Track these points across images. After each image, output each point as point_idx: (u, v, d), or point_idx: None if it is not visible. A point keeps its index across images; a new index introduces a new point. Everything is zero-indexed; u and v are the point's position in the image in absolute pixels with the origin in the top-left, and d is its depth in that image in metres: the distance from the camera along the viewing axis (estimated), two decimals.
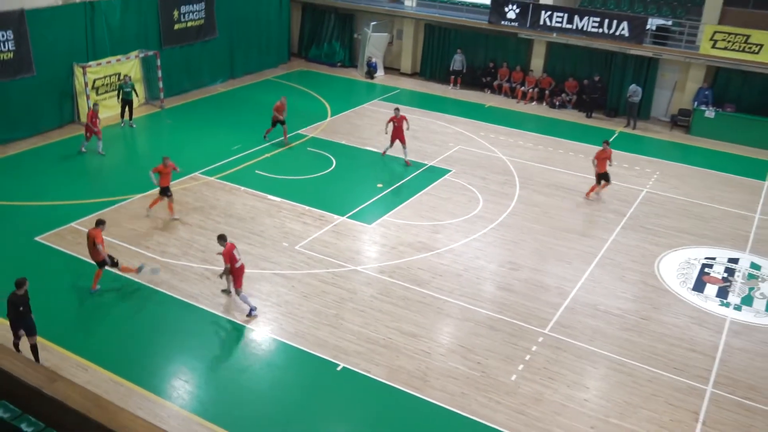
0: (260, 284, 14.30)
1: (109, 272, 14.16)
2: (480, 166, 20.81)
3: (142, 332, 12.80)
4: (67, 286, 14.05)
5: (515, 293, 14.48)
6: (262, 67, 30.12)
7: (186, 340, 12.63)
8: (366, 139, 22.71)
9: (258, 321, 13.20)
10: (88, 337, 12.64)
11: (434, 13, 29.15)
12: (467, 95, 28.20)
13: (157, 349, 12.38)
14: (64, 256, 15.03)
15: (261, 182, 19.05)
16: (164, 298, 13.74)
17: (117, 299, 13.75)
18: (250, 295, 13.76)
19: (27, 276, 11.58)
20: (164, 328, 12.94)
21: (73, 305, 13.52)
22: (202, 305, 13.56)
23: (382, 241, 16.36)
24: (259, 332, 12.93)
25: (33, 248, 15.32)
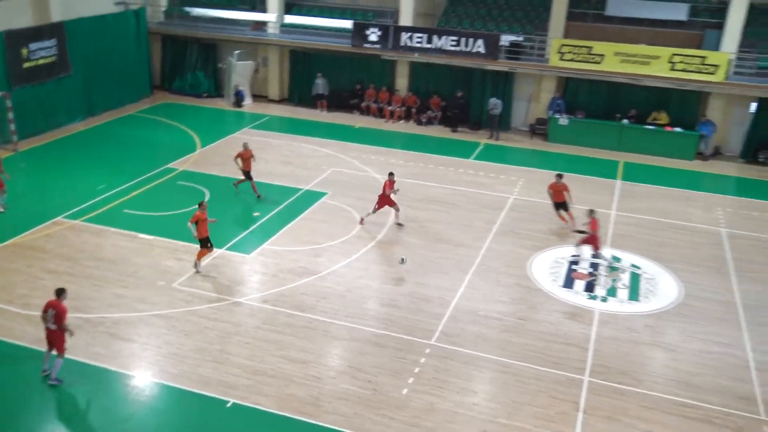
0: (138, 327, 13.64)
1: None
2: (355, 186, 21.00)
3: (12, 394, 11.81)
4: None
5: (399, 308, 14.67)
6: (123, 102, 28.96)
7: (61, 395, 11.79)
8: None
9: (139, 365, 12.56)
10: None
11: (298, 39, 29.27)
12: (336, 118, 28.45)
13: (28, 408, 11.46)
14: None
15: (131, 221, 18.25)
16: (34, 353, 12.75)
17: None
18: (128, 340, 13.08)
19: None
20: (33, 386, 12.02)
21: None
22: (77, 356, 12.70)
23: (262, 269, 16.10)
24: (140, 377, 12.30)
25: None
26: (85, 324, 13.66)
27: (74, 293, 14.72)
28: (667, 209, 20.33)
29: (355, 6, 30.61)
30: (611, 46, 24.96)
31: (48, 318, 11.78)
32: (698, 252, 17.73)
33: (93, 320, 13.78)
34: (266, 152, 23.81)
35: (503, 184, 21.80)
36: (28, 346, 12.97)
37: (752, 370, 13.08)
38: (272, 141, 25.20)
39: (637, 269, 16.72)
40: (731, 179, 23.54)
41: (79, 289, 14.88)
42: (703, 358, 13.41)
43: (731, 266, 17.06)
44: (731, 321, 14.71)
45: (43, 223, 17.94)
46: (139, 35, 29.64)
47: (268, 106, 29.95)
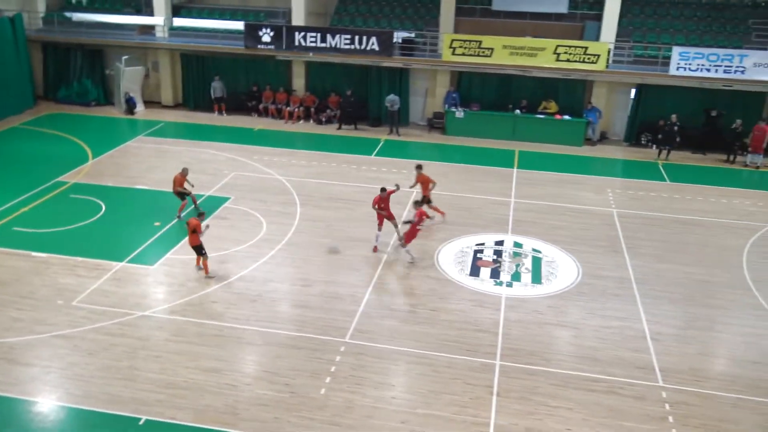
0: (38, 350, 12.89)
1: None
2: (258, 189, 20.70)
3: None
4: None
5: (312, 308, 14.60)
6: (4, 114, 27.24)
7: None
8: (135, 177, 21.52)
9: (42, 390, 11.88)
10: None
11: (188, 42, 28.49)
12: (235, 121, 27.94)
13: None
14: None
15: (21, 239, 17.21)
16: None
17: None
18: (28, 364, 12.35)
19: None
20: None
21: None
22: None
23: (168, 280, 15.60)
24: (43, 403, 11.64)
25: None
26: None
27: None
28: (562, 194, 21.25)
29: (246, 7, 30.14)
30: (499, 40, 25.78)
31: None
32: (593, 233, 18.64)
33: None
34: (164, 160, 23.06)
35: (405, 179, 22.06)
36: None
37: (648, 341, 13.90)
38: (170, 148, 24.42)
39: (538, 253, 17.39)
40: (618, 162, 24.88)
41: None
42: (603, 333, 14.12)
43: (624, 244, 18.04)
44: (627, 296, 15.56)
45: None
46: (17, 43, 27.95)
47: (161, 112, 29.00)
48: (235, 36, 28.21)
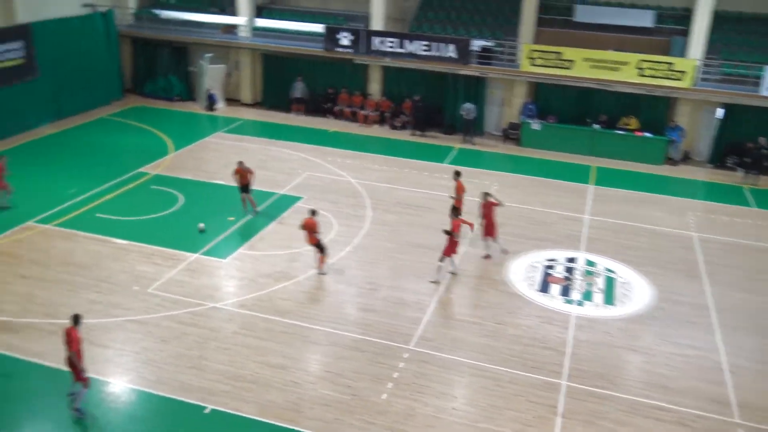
0: (113, 333, 13.42)
1: None
2: (330, 190, 20.96)
3: None
4: None
5: (377, 313, 14.67)
6: (94, 105, 28.50)
7: (36, 403, 11.54)
8: (213, 172, 22.14)
9: (115, 372, 12.36)
10: None
11: (270, 42, 29.13)
12: (311, 122, 28.38)
13: (6, 417, 11.20)
14: None
15: (104, 226, 17.96)
16: (4, 360, 12.48)
17: None
18: (103, 346, 12.86)
19: None
20: (8, 395, 11.74)
21: None
22: (50, 363, 12.48)
23: (239, 274, 15.98)
24: (117, 384, 12.10)
25: None
26: (59, 330, 13.37)
27: (46, 299, 14.47)
28: (639, 213, 20.67)
29: (326, 10, 30.59)
30: (580, 52, 25.33)
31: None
32: (670, 256, 18.05)
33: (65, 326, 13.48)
34: (241, 156, 23.51)
35: (477, 188, 21.90)
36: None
37: (726, 373, 13.35)
38: (246, 145, 25.02)
39: (611, 273, 16.96)
40: (701, 184, 24.03)
41: (51, 295, 14.61)
42: (676, 361, 13.65)
43: (703, 270, 17.40)
44: (704, 324, 15.00)
45: (12, 228, 17.57)
46: (109, 38, 29.23)
47: (240, 110, 29.74)
48: (315, 38, 28.66)
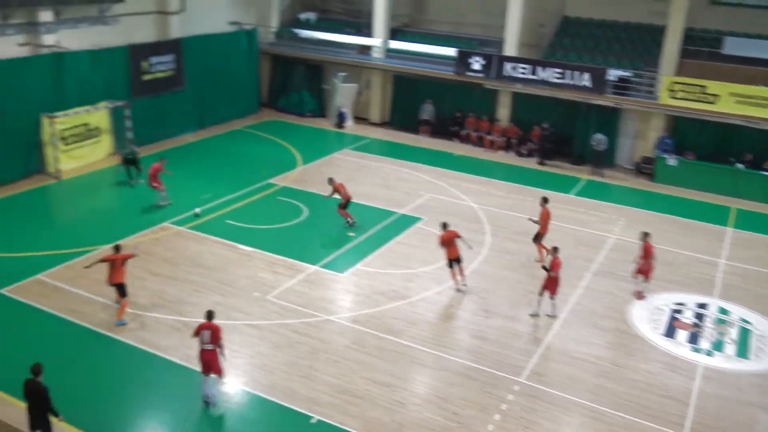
0: (232, 335, 14.03)
1: (70, 324, 13.83)
2: (451, 214, 20.94)
3: (110, 387, 12.41)
4: (29, 340, 13.61)
5: (489, 341, 14.44)
6: (232, 117, 30.19)
7: (156, 394, 12.27)
8: None
9: (230, 372, 12.90)
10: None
11: (402, 64, 29.69)
12: (436, 144, 28.57)
13: (126, 404, 12.00)
14: (29, 309, 14.61)
15: (231, 232, 18.89)
16: (132, 351, 13.38)
17: (82, 351, 13.35)
18: None
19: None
20: (133, 383, 12.56)
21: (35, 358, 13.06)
22: (172, 357, 13.23)
23: (354, 290, 16.26)
24: (231, 385, 12.63)
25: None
26: (183, 327, 14.19)
27: (174, 297, 15.37)
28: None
29: (460, 34, 30.79)
30: (727, 87, 23.95)
31: (204, 339, 11.67)
32: None
33: (190, 324, 14.27)
34: (365, 174, 24.18)
35: (604, 222, 21.18)
36: (128, 342, 13.60)
37: None
38: (371, 163, 25.55)
39: (747, 324, 15.78)
40: None
41: (178, 293, 15.51)
42: None
43: None
44: None
45: (151, 227, 18.86)
46: (251, 54, 30.91)
47: (368, 129, 30.45)
48: (447, 62, 28.90)
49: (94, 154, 24.05)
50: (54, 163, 22.26)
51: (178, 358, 13.22)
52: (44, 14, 22.15)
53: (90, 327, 14.05)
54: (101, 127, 24.16)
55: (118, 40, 24.87)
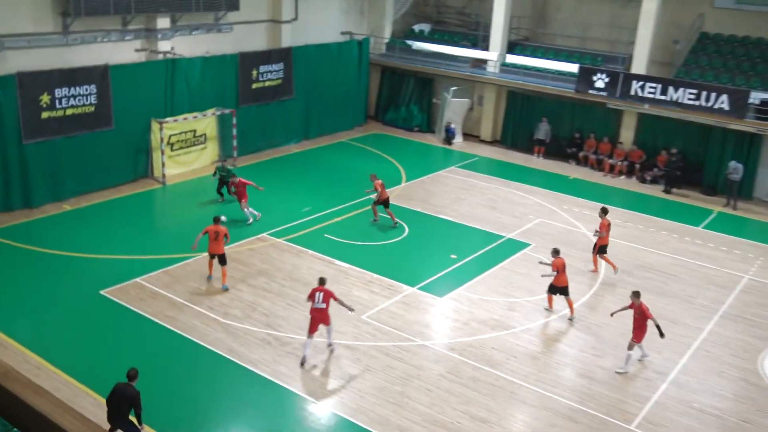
0: (323, 354, 14.23)
1: (163, 329, 14.47)
2: (562, 241, 20.41)
3: (198, 396, 12.86)
4: (123, 342, 14.35)
5: (598, 382, 13.89)
6: (337, 128, 30.87)
7: (242, 409, 12.60)
8: (441, 207, 22.73)
9: (318, 392, 13.06)
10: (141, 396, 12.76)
11: (518, 79, 29.37)
12: (551, 166, 28.03)
13: (213, 416, 12.39)
14: (127, 312, 15.42)
15: (329, 246, 19.23)
16: (223, 362, 13.83)
17: (172, 357, 13.93)
18: (312, 365, 13.68)
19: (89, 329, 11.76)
20: (220, 394, 12.96)
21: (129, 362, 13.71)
22: (262, 372, 13.56)
23: (453, 315, 16.12)
24: (319, 405, 12.78)
25: (97, 302, 15.80)
26: (274, 341, 14.53)
27: (267, 309, 15.78)
28: None
29: (583, 49, 30.13)
30: None
31: (318, 300, 13.80)
32: None
33: (282, 339, 14.62)
34: (471, 194, 24.03)
35: (737, 260, 19.97)
36: (219, 353, 14.06)
37: None
38: (479, 183, 25.38)
39: None
40: None
41: (272, 306, 15.91)
42: None
43: None
44: None
45: (249, 238, 19.51)
46: (361, 65, 31.55)
47: (478, 146, 30.29)
48: (567, 78, 28.35)
49: (199, 160, 25.25)
50: (160, 168, 23.51)
51: (267, 373, 13.53)
52: (162, 21, 23.60)
53: (182, 334, 14.64)
54: (208, 134, 25.35)
55: (229, 48, 26.10)
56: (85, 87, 21.34)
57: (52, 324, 14.83)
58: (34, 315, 15.25)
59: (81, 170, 21.86)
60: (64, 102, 20.94)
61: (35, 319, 15.11)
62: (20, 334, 14.36)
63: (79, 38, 21.68)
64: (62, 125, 21.06)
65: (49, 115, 20.68)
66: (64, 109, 21.00)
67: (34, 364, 13.30)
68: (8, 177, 20.27)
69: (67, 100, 20.99)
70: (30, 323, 14.99)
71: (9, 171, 20.22)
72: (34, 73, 20.21)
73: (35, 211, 20.63)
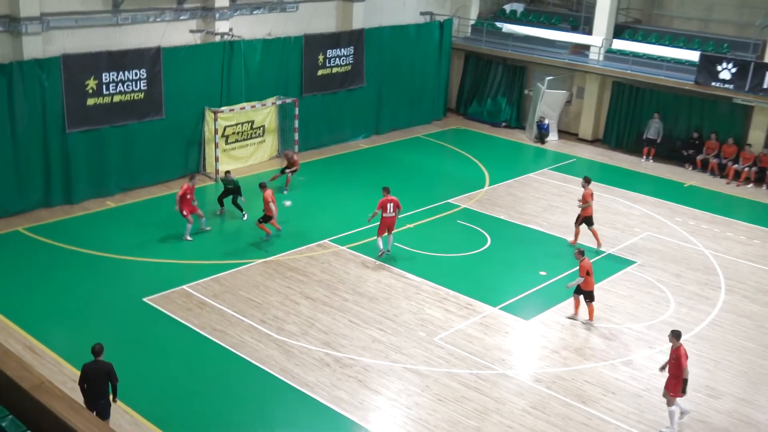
0: (388, 378, 14.31)
1: (212, 344, 14.85)
2: (674, 259, 19.94)
3: (247, 420, 13.11)
4: (168, 356, 14.76)
5: (714, 428, 13.51)
6: (413, 122, 31.03)
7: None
8: (529, 215, 22.54)
9: (382, 422, 13.13)
10: (186, 416, 13.11)
11: (625, 69, 28.86)
12: (662, 170, 27.43)
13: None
14: (172, 322, 15.88)
15: (399, 257, 19.32)
16: (275, 383, 14.06)
17: (221, 375, 14.25)
18: (376, 391, 13.79)
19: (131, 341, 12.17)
20: (271, 419, 13.20)
21: (173, 379, 14.15)
22: (318, 396, 13.73)
23: (541, 342, 15.95)
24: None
25: (140, 310, 16.34)
26: (334, 363, 14.69)
27: (327, 326, 15.98)
28: None
29: (706, 34, 29.38)
30: None
31: (389, 210, 18.81)
32: None
33: (342, 360, 14.77)
34: (566, 201, 23.74)
35: None
36: (271, 372, 14.31)
37: None
38: (576, 189, 24.98)
39: None
40: None
41: (333, 323, 16.10)
42: None
43: None
44: None
45: (308, 244, 19.81)
46: (441, 50, 31.63)
47: (576, 146, 29.91)
48: (685, 68, 27.70)
49: (256, 155, 25.82)
50: (213, 163, 24.11)
51: (324, 398, 13.69)
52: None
53: (231, 350, 14.95)
54: (266, 126, 25.88)
55: (293, 30, 26.57)
56: (135, 71, 22.15)
57: (91, 333, 15.33)
58: (72, 322, 15.89)
59: (127, 164, 22.70)
60: (111, 87, 21.79)
61: (73, 327, 15.73)
62: (56, 343, 14.97)
63: (129, 17, 22.50)
64: (109, 113, 21.94)
65: (96, 101, 21.56)
66: (112, 96, 21.85)
67: (69, 375, 13.82)
68: (49, 169, 21.17)
69: (115, 85, 21.85)
70: (67, 331, 15.61)
71: (50, 163, 21.12)
72: (81, 56, 21.11)
73: (76, 208, 21.51)
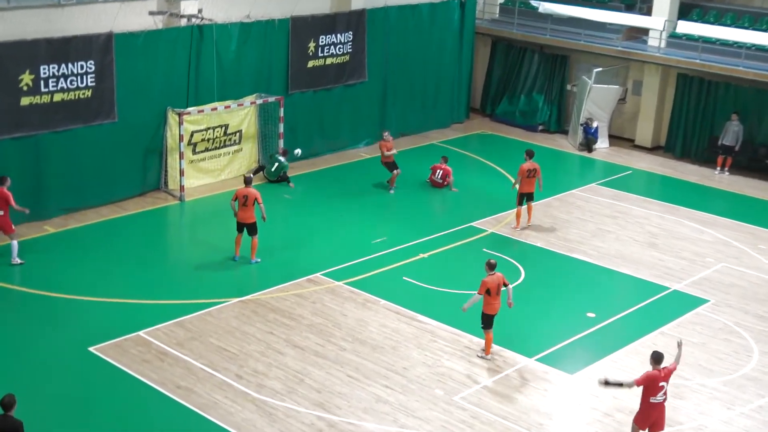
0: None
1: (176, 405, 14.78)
2: (757, 297, 19.92)
3: None
4: (120, 421, 14.67)
5: None
6: (427, 126, 31.12)
7: None
8: (574, 242, 22.53)
9: None
10: None
11: (694, 58, 28.91)
12: (741, 185, 27.50)
13: None
14: (124, 377, 15.81)
15: (410, 294, 19.30)
16: None
17: None
18: None
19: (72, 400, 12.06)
20: None
21: None
22: None
23: (589, 402, 15.89)
24: None
25: (85, 362, 16.27)
26: (328, 429, 14.61)
27: (319, 382, 15.93)
28: None
29: None
30: None
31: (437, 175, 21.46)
32: None
33: (339, 426, 14.68)
34: (620, 224, 23.77)
35: None
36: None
37: None
38: (632, 208, 25.08)
39: None
40: None
41: (326, 378, 16.03)
42: None
43: None
44: None
45: (296, 279, 19.76)
46: (463, 36, 31.74)
47: (632, 155, 29.97)
48: None
49: (230, 168, 25.83)
50: (177, 178, 24.10)
51: None
52: None
53: (201, 413, 14.84)
54: (244, 132, 25.93)
55: (277, 11, 26.59)
56: (81, 64, 22.28)
57: (24, 390, 15.29)
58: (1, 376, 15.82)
59: (70, 178, 22.72)
60: (51, 84, 21.91)
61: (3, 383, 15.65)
62: None
63: None
64: (48, 115, 22.01)
65: (31, 101, 21.67)
66: (51, 94, 21.95)
67: None
68: None
69: (55, 81, 21.97)
70: None
71: None
72: (13, 44, 21.15)
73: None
